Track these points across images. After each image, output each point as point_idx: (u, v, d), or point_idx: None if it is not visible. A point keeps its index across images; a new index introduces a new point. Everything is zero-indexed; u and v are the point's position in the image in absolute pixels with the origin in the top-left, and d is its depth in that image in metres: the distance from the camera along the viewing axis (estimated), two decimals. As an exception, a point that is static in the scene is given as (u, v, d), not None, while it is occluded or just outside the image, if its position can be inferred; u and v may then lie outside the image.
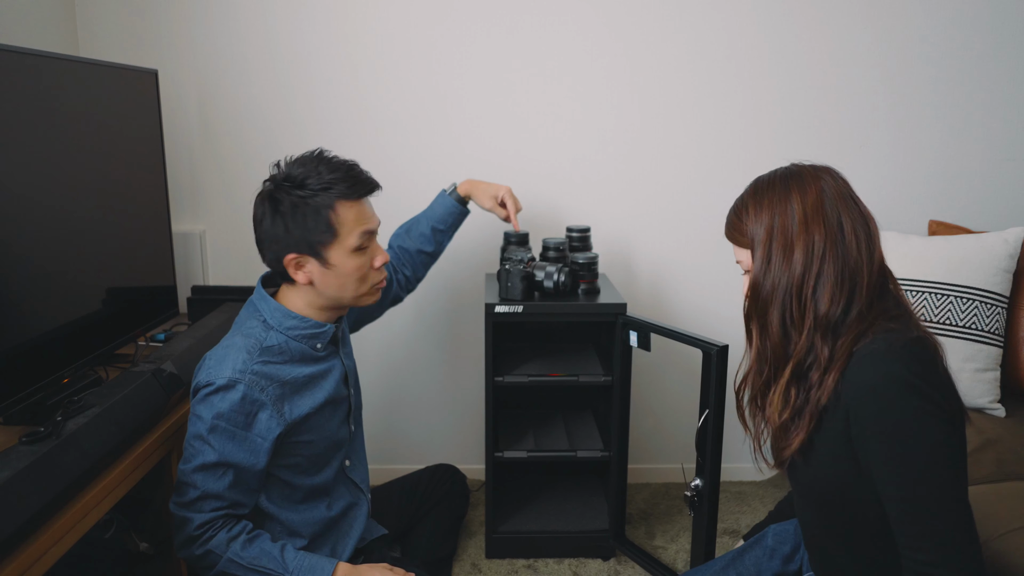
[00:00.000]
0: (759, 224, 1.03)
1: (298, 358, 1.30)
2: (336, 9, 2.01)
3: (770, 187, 1.05)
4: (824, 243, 0.99)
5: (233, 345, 1.26)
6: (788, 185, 1.03)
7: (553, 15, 2.03)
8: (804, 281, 0.99)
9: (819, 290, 0.99)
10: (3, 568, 0.96)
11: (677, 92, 2.08)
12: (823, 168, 1.05)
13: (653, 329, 1.69)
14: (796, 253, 0.99)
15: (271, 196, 1.27)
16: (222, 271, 2.16)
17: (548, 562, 1.92)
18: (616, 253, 2.19)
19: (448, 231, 1.76)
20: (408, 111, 2.08)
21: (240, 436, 1.22)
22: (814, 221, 0.99)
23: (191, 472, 1.22)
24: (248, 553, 1.22)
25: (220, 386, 1.21)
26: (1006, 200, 2.14)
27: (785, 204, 1.01)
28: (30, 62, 1.32)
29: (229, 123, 2.07)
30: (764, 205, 1.04)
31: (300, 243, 1.25)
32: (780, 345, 1.02)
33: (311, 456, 1.34)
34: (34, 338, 1.33)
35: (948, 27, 2.04)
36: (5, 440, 1.20)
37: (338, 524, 1.42)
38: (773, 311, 1.01)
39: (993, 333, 1.75)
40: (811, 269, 0.99)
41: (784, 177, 1.05)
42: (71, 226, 1.44)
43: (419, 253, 1.73)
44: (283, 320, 1.29)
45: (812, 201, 1.00)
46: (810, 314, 0.99)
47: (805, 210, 1.00)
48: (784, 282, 1.00)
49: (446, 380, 2.29)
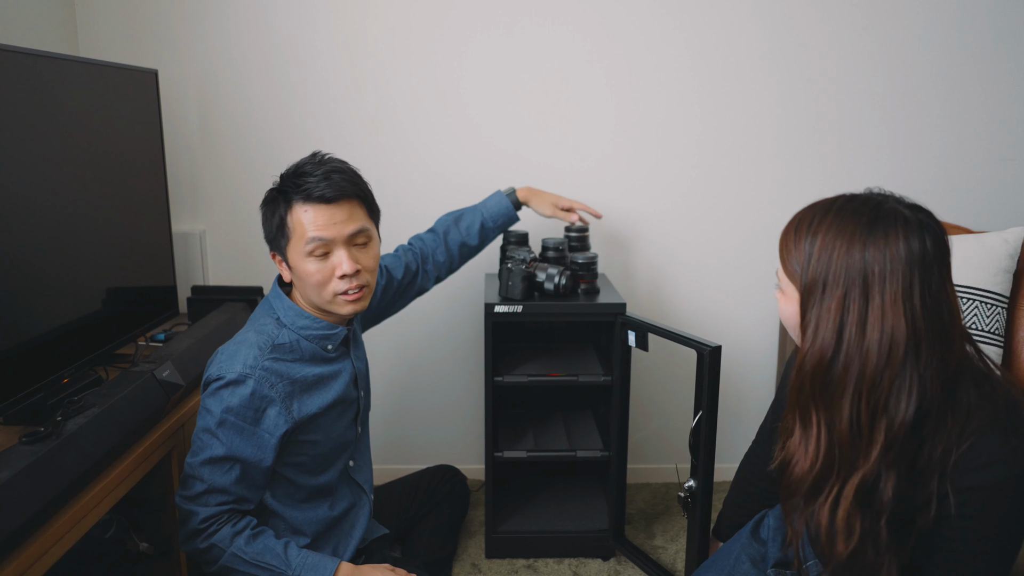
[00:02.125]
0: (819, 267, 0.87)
1: (308, 357, 1.31)
2: (336, 10, 2.01)
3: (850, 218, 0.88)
4: (906, 337, 0.83)
5: (245, 341, 1.26)
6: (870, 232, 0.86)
7: (553, 16, 2.03)
8: (877, 380, 0.84)
9: (894, 396, 0.84)
10: (3, 568, 0.96)
11: (677, 92, 2.08)
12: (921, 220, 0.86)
13: (650, 329, 1.69)
14: (871, 335, 0.84)
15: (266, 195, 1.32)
16: (222, 271, 2.16)
17: (548, 562, 1.92)
18: (615, 253, 2.19)
19: (496, 230, 1.77)
20: (408, 111, 2.08)
21: (248, 431, 1.22)
22: (894, 305, 0.83)
23: (198, 465, 1.22)
24: (252, 548, 1.22)
25: (230, 380, 1.21)
26: (1006, 200, 2.14)
27: (861, 253, 0.85)
28: (30, 62, 1.32)
29: (229, 123, 2.07)
30: (834, 243, 0.87)
31: (271, 241, 1.31)
32: (848, 446, 0.86)
33: (316, 456, 1.34)
34: (34, 338, 1.33)
35: (948, 27, 2.04)
36: (5, 440, 1.20)
37: (340, 524, 1.42)
38: (844, 403, 0.86)
39: (993, 333, 1.75)
40: (888, 367, 0.83)
41: (871, 217, 0.87)
42: (71, 226, 1.44)
43: (462, 246, 1.72)
44: (296, 319, 1.30)
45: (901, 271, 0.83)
46: (882, 424, 0.84)
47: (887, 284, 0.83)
48: (856, 370, 0.85)
49: (446, 380, 2.29)
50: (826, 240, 0.88)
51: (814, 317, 0.88)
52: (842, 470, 0.87)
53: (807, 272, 0.89)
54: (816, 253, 0.88)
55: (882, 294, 0.84)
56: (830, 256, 0.87)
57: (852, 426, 0.85)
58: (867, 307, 0.84)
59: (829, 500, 0.88)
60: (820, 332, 0.87)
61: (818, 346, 0.87)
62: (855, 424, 0.85)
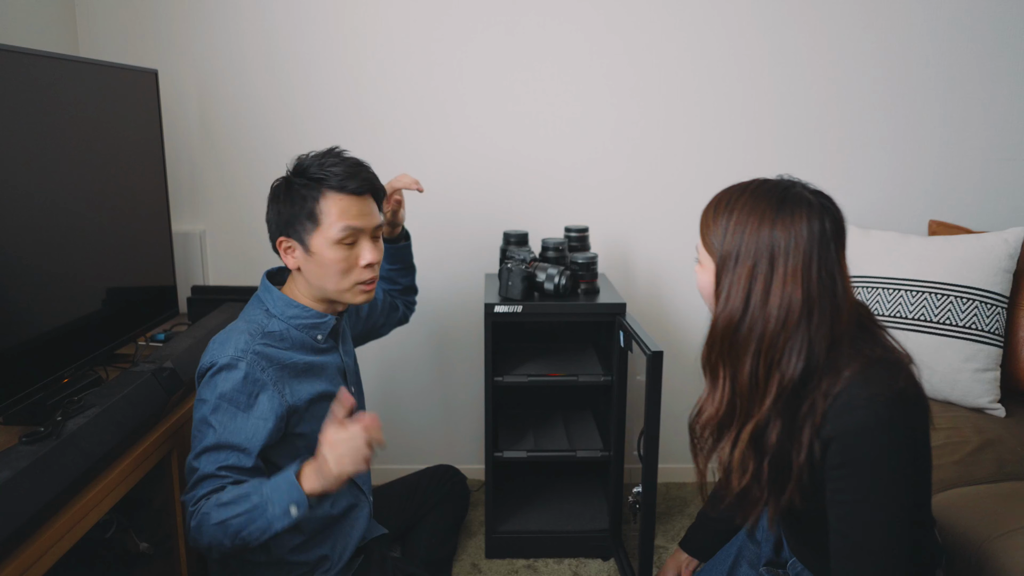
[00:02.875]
0: (734, 241, 0.99)
1: (299, 346, 1.33)
2: (336, 9, 2.01)
3: (763, 200, 0.99)
4: (801, 305, 0.95)
5: (235, 329, 1.29)
6: (779, 212, 0.97)
7: (553, 15, 2.03)
8: (775, 340, 0.96)
9: (786, 354, 0.96)
10: (3, 568, 0.96)
11: (677, 92, 2.08)
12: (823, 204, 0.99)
13: (621, 327, 1.72)
14: (772, 301, 0.96)
15: (278, 183, 1.34)
16: (222, 271, 2.16)
17: (548, 562, 1.92)
18: (615, 253, 2.19)
19: (402, 269, 1.70)
20: (408, 110, 2.08)
21: (242, 417, 1.22)
22: (794, 277, 0.95)
23: (194, 458, 1.22)
24: (226, 497, 1.16)
25: (223, 365, 1.22)
26: (1006, 200, 2.14)
27: (769, 231, 0.97)
28: (30, 62, 1.32)
29: (229, 123, 2.07)
30: (748, 221, 0.98)
31: (287, 226, 1.30)
32: (747, 396, 0.99)
33: (308, 447, 1.32)
34: (34, 338, 1.33)
35: (948, 27, 2.04)
36: (5, 440, 1.20)
37: (340, 523, 1.41)
38: (746, 359, 0.98)
39: (993, 333, 1.75)
40: (784, 330, 0.96)
41: (779, 198, 0.98)
42: (71, 226, 1.44)
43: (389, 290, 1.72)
44: (285, 309, 1.33)
45: (802, 243, 0.95)
46: (776, 378, 0.97)
47: (795, 251, 0.95)
48: (758, 331, 0.97)
49: (446, 380, 2.29)
50: (740, 218, 0.99)
51: (726, 285, 1.00)
52: (740, 416, 1.01)
53: (722, 245, 1.00)
54: (731, 228, 1.00)
55: (785, 266, 0.96)
56: (743, 232, 0.98)
57: (751, 379, 0.98)
58: (772, 277, 0.96)
59: (730, 441, 1.03)
60: (731, 298, 0.99)
61: (728, 310, 0.99)
62: (754, 377, 0.98)
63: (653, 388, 1.51)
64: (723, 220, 1.01)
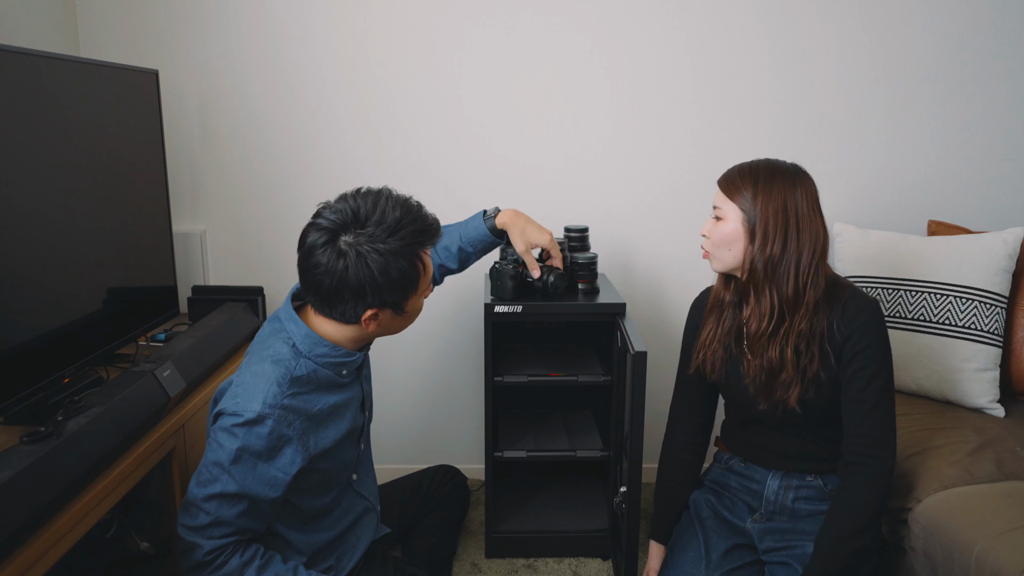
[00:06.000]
0: (768, 203, 1.30)
1: (325, 386, 1.28)
2: (336, 10, 2.02)
3: (782, 174, 1.32)
4: (820, 235, 1.32)
5: (263, 374, 1.21)
6: (796, 180, 1.32)
7: (552, 15, 2.03)
8: (809, 267, 1.31)
9: (819, 271, 1.32)
10: (3, 568, 0.96)
11: (676, 91, 2.08)
12: (807, 173, 1.35)
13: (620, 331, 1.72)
14: (805, 236, 1.30)
15: (355, 248, 1.17)
16: (222, 271, 2.16)
17: (548, 562, 1.93)
18: (615, 253, 2.19)
19: (476, 254, 1.66)
20: (407, 111, 2.08)
21: (262, 469, 1.18)
22: (816, 215, 1.32)
23: (206, 499, 1.17)
24: None
25: (248, 420, 1.16)
26: (1006, 200, 2.14)
27: (793, 194, 1.31)
28: (30, 62, 1.32)
29: (229, 123, 2.07)
30: (775, 189, 1.31)
31: (385, 299, 1.21)
32: (791, 307, 1.32)
33: (322, 480, 1.33)
34: (35, 338, 1.33)
35: (948, 27, 2.04)
36: (6, 440, 1.20)
37: (344, 539, 1.41)
38: (789, 281, 1.31)
39: (992, 333, 1.76)
40: (814, 259, 1.31)
41: (793, 172, 1.34)
42: (71, 226, 1.44)
43: (440, 267, 1.65)
44: (314, 347, 1.25)
45: (812, 198, 1.33)
46: (811, 290, 1.32)
47: (810, 204, 1.32)
48: (795, 261, 1.31)
49: (446, 380, 2.29)
50: (765, 183, 1.32)
51: (768, 231, 1.31)
52: (786, 322, 1.34)
53: (754, 202, 1.32)
54: (760, 190, 1.32)
55: (810, 214, 1.31)
56: (770, 191, 1.31)
57: (795, 295, 1.32)
58: (800, 222, 1.31)
59: (779, 341, 1.34)
60: (769, 242, 1.31)
61: (768, 252, 1.31)
62: (798, 292, 1.32)
63: (637, 388, 1.52)
64: (750, 184, 1.32)
